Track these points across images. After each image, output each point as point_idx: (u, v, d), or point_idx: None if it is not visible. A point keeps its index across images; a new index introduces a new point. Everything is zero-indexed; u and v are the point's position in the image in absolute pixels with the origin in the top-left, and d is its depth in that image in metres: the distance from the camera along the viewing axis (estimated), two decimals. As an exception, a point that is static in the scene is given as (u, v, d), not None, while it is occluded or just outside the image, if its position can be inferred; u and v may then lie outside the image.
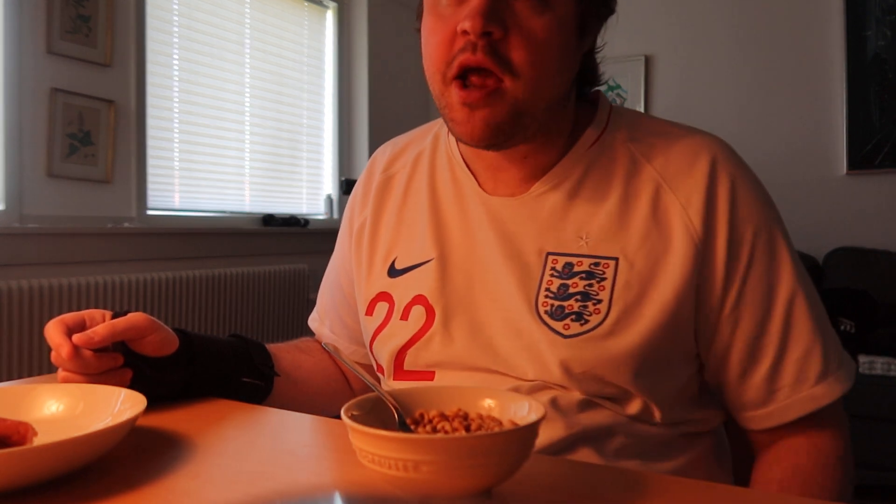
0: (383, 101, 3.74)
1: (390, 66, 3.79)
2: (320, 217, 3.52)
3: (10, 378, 2.09)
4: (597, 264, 0.71)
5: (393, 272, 0.82)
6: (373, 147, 3.64)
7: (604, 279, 0.70)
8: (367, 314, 0.83)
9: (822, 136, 3.21)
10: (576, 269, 0.72)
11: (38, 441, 0.55)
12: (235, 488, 0.52)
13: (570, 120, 0.78)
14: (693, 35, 3.45)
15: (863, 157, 3.12)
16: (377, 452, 0.46)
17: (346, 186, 3.23)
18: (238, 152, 3.07)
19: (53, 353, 0.68)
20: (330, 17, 3.61)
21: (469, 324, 0.75)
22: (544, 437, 0.69)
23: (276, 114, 3.26)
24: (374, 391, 0.56)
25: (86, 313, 0.71)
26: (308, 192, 3.48)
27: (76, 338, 0.67)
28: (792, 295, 0.71)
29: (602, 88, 0.84)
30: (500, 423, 0.53)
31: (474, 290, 0.76)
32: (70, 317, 0.70)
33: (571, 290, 0.71)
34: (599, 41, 0.77)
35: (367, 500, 0.50)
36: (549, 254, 0.73)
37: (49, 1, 2.28)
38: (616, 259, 0.71)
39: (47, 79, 2.30)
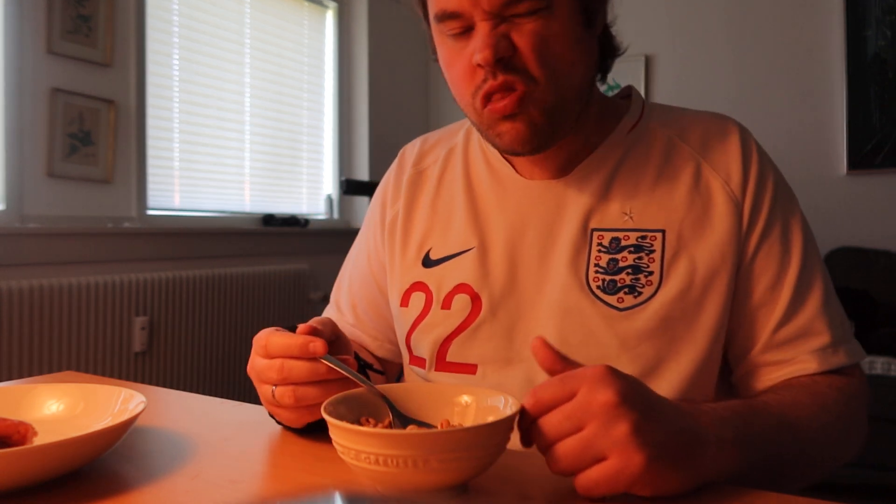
0: (383, 101, 3.74)
1: (390, 66, 3.79)
2: (320, 217, 3.52)
3: (10, 378, 2.09)
4: (644, 237, 0.74)
5: (428, 262, 0.82)
6: (373, 147, 3.64)
7: (653, 251, 0.73)
8: (402, 305, 0.83)
9: (822, 135, 3.21)
10: (623, 243, 0.74)
11: (38, 441, 0.56)
12: (235, 488, 0.52)
13: (598, 103, 0.80)
14: (693, 35, 3.45)
15: (863, 157, 3.11)
16: (354, 447, 0.47)
17: (346, 186, 3.23)
18: (238, 152, 3.07)
19: (280, 370, 0.59)
20: (330, 17, 3.61)
21: (516, 310, 0.76)
22: None
23: (276, 114, 3.26)
24: (363, 387, 0.57)
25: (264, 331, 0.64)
26: (308, 192, 3.48)
27: (308, 330, 0.60)
28: (803, 260, 0.74)
29: (602, 88, 0.85)
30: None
31: (518, 276, 0.77)
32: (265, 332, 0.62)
33: (621, 265, 0.73)
34: (611, 15, 0.78)
35: (367, 499, 0.50)
36: (594, 230, 0.75)
37: (49, 1, 2.28)
38: (663, 231, 0.74)
39: (47, 79, 2.29)
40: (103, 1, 2.44)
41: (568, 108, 0.72)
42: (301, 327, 0.61)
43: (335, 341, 0.65)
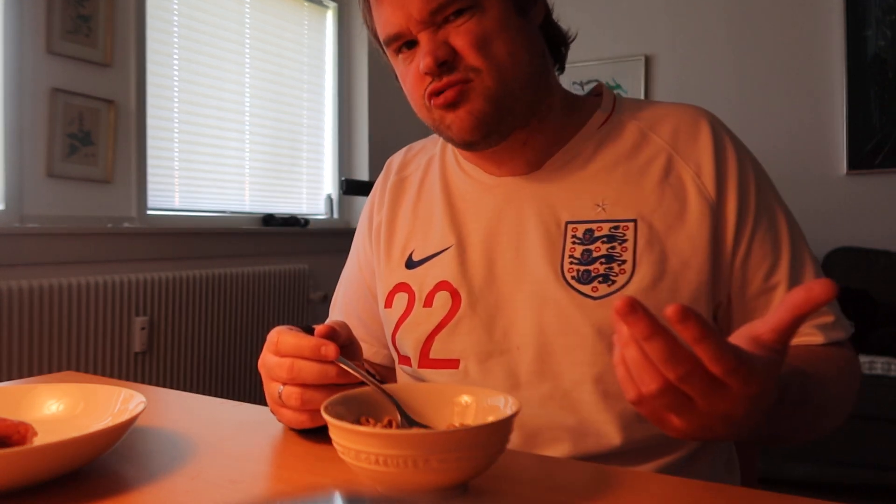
0: (383, 101, 3.74)
1: (390, 65, 3.79)
2: (320, 217, 3.52)
3: (10, 378, 2.09)
4: (616, 227, 0.75)
5: (411, 264, 0.84)
6: (373, 147, 3.64)
7: (625, 241, 0.74)
8: (386, 306, 0.85)
9: (822, 135, 3.21)
10: (596, 234, 0.76)
11: (38, 441, 0.56)
12: (235, 488, 0.52)
13: (563, 98, 0.82)
14: (693, 35, 3.45)
15: (863, 157, 3.11)
16: (354, 447, 0.47)
17: (346, 186, 3.23)
18: (238, 152, 3.07)
19: (292, 369, 0.59)
20: (330, 17, 3.61)
21: (495, 304, 0.78)
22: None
23: (276, 114, 3.26)
24: (367, 386, 0.57)
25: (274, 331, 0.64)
26: (308, 192, 3.48)
27: (322, 332, 0.60)
28: (793, 245, 0.77)
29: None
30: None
31: (496, 271, 0.79)
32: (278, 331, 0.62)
33: (595, 255, 0.75)
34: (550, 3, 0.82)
35: (367, 499, 0.50)
36: (568, 223, 0.77)
37: (49, 1, 2.28)
38: (634, 221, 0.75)
39: (47, 79, 2.29)
40: (103, 1, 2.44)
41: (515, 94, 0.74)
42: (318, 329, 0.61)
43: (348, 346, 0.66)
